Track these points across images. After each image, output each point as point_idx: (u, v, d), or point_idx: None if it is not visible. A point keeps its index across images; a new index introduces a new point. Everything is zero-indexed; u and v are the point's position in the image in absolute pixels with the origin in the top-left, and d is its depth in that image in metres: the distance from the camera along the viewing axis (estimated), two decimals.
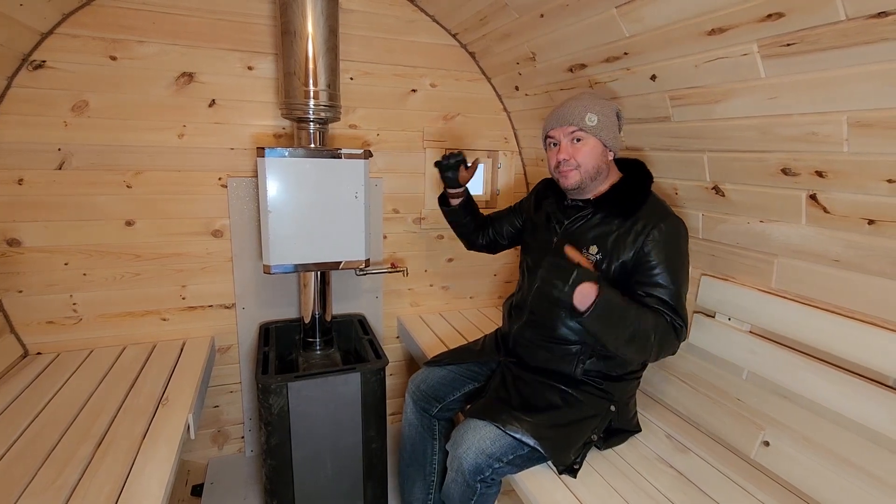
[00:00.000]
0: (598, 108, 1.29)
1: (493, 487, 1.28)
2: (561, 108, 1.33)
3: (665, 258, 1.22)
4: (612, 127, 1.30)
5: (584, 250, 1.31)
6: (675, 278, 1.22)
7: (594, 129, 1.27)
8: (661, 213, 1.26)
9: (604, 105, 1.30)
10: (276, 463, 1.59)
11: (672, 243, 1.23)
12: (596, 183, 1.33)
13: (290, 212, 1.59)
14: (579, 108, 1.29)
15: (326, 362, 1.84)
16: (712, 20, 1.06)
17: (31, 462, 1.16)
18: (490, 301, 2.47)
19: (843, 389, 1.11)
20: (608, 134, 1.29)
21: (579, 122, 1.27)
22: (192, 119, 1.80)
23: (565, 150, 1.31)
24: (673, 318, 1.20)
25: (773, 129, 1.10)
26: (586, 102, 1.30)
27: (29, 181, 1.65)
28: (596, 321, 1.09)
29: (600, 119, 1.28)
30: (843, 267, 1.10)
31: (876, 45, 0.85)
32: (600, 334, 1.14)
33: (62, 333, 1.78)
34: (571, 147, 1.30)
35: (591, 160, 1.29)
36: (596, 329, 1.12)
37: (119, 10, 1.64)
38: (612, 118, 1.31)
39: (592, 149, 1.29)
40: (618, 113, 1.33)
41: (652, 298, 1.21)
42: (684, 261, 1.26)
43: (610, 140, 1.30)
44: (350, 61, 1.95)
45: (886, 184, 0.96)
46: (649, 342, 1.15)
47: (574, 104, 1.31)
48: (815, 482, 1.18)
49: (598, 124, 1.28)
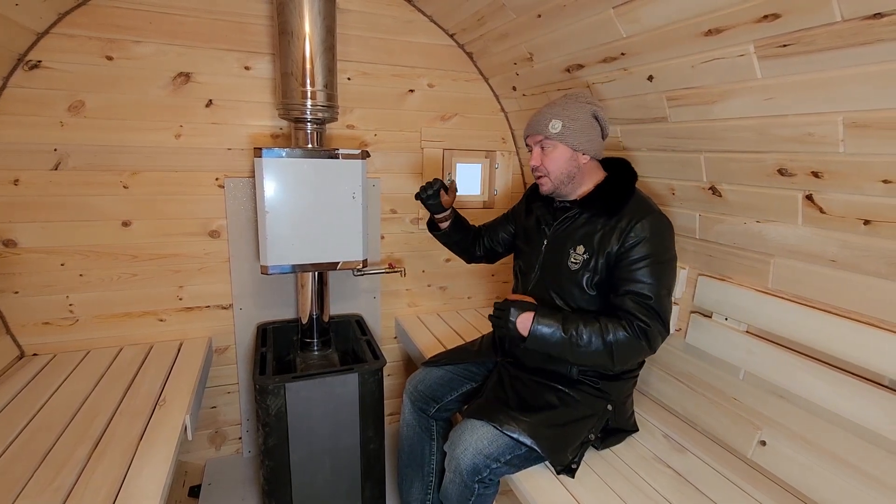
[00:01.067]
0: (565, 113, 1.29)
1: (490, 488, 1.28)
2: (533, 115, 1.35)
3: (647, 254, 1.22)
4: (585, 130, 1.29)
5: (573, 250, 1.32)
6: (655, 275, 1.21)
7: (559, 136, 1.28)
8: (644, 210, 1.26)
9: (575, 109, 1.30)
10: (273, 464, 1.58)
11: (655, 239, 1.23)
12: (573, 185, 1.34)
13: (288, 212, 1.59)
14: (547, 115, 1.31)
15: (324, 363, 1.83)
16: (709, 21, 1.07)
17: (28, 464, 1.15)
18: (488, 301, 2.47)
19: (839, 389, 1.11)
20: (577, 138, 1.29)
21: (543, 130, 1.30)
22: (189, 119, 1.79)
23: (535, 157, 1.34)
24: (642, 321, 1.19)
25: (769, 130, 1.11)
26: (555, 109, 1.31)
27: (25, 181, 1.64)
28: (536, 345, 1.22)
29: (565, 124, 1.28)
30: (839, 267, 1.11)
31: (872, 46, 0.85)
32: (550, 353, 1.24)
33: (59, 334, 1.77)
34: (541, 154, 1.33)
35: (558, 166, 1.31)
36: (542, 351, 1.23)
37: (115, 9, 1.64)
38: (585, 121, 1.30)
39: (560, 155, 1.30)
40: (595, 114, 1.32)
41: (629, 296, 1.21)
42: (667, 257, 1.25)
43: (580, 144, 1.29)
44: (347, 61, 1.95)
45: (882, 184, 0.96)
46: (604, 355, 1.20)
47: (543, 111, 1.33)
48: (811, 481, 1.18)
49: (563, 130, 1.28)
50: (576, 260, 1.31)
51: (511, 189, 2.36)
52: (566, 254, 1.33)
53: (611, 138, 1.61)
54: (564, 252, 1.34)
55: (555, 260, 1.36)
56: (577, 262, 1.30)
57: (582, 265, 1.30)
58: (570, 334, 1.19)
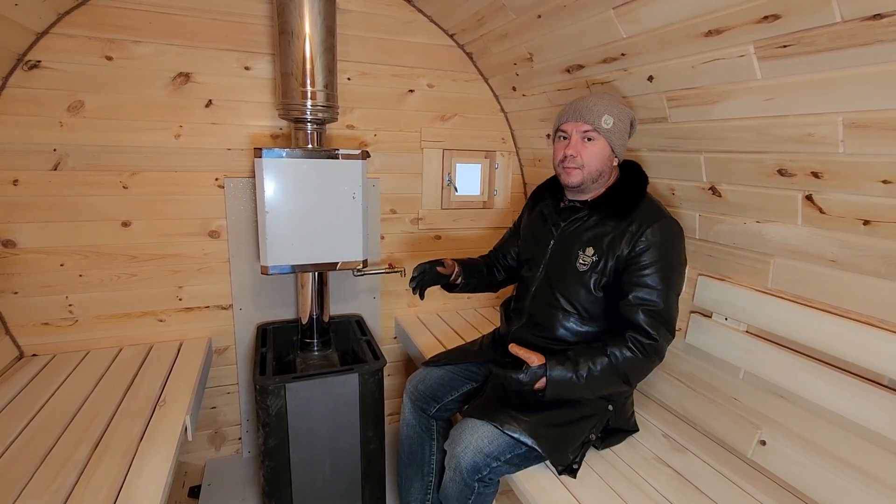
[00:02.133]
0: (615, 111, 1.28)
1: (490, 487, 1.28)
2: (579, 103, 1.30)
3: (657, 259, 1.22)
4: (624, 133, 1.31)
5: (581, 252, 1.32)
6: (665, 280, 1.22)
7: (607, 132, 1.27)
8: (655, 214, 1.26)
9: (622, 110, 1.30)
10: (274, 464, 1.58)
11: (665, 244, 1.24)
12: (596, 185, 1.34)
13: (288, 212, 1.58)
14: (599, 107, 1.27)
15: (324, 363, 1.83)
16: (709, 21, 1.07)
17: (28, 465, 1.15)
18: (488, 301, 2.47)
19: (839, 389, 1.11)
20: (619, 139, 1.29)
21: (595, 122, 1.27)
22: (189, 119, 1.79)
23: (574, 146, 1.29)
24: (651, 337, 1.19)
25: (769, 130, 1.11)
26: (606, 103, 1.28)
27: (24, 182, 1.64)
28: (554, 394, 1.21)
29: (615, 123, 1.27)
30: (838, 267, 1.11)
31: (871, 47, 0.85)
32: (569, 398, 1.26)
33: (58, 335, 1.77)
34: (581, 145, 1.29)
35: (596, 162, 1.29)
36: (562, 397, 1.23)
37: (115, 9, 1.64)
38: (626, 125, 1.31)
39: (601, 151, 1.29)
40: (632, 121, 1.33)
41: (639, 306, 1.21)
42: (677, 262, 1.26)
43: (619, 146, 1.30)
44: (347, 62, 1.95)
45: (881, 184, 0.96)
46: (619, 382, 1.23)
47: (594, 102, 1.29)
48: (811, 481, 1.18)
49: (613, 128, 1.27)
50: (584, 261, 1.31)
51: (510, 189, 2.37)
52: (574, 255, 1.33)
53: None
54: (573, 253, 1.34)
55: (561, 260, 1.36)
56: (586, 263, 1.30)
57: (590, 267, 1.30)
58: (581, 377, 1.19)
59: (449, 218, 2.28)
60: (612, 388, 1.26)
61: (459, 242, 2.33)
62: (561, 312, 1.35)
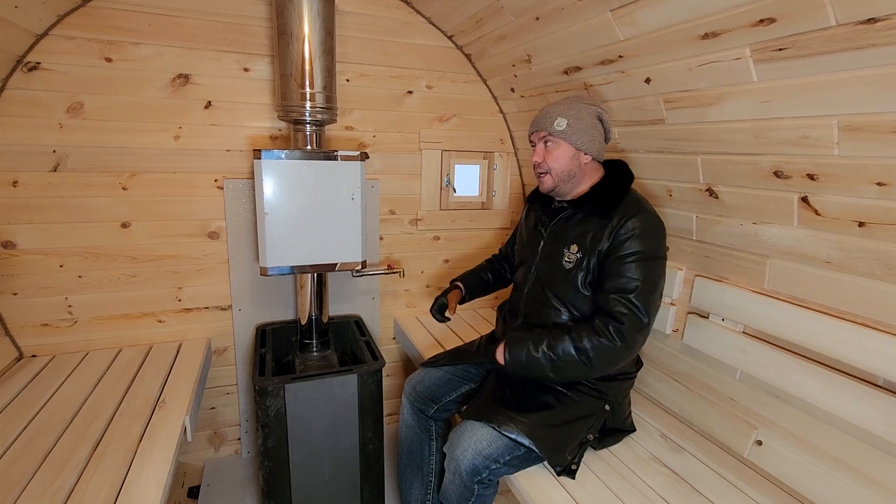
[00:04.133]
0: (571, 112, 1.31)
1: (490, 488, 1.29)
2: (538, 114, 1.37)
3: (635, 250, 1.23)
4: (588, 130, 1.31)
5: (566, 249, 1.34)
6: (642, 270, 1.22)
7: (563, 134, 1.30)
8: (636, 209, 1.27)
9: (580, 109, 1.32)
10: (273, 465, 1.59)
11: (644, 236, 1.24)
12: (573, 185, 1.36)
13: (287, 213, 1.59)
14: (552, 112, 1.33)
15: (323, 364, 1.84)
16: (706, 24, 1.08)
17: (28, 465, 1.15)
18: (486, 302, 2.47)
19: (834, 389, 1.12)
20: (580, 137, 1.31)
21: (548, 127, 1.32)
22: (188, 121, 1.79)
23: (538, 153, 1.36)
24: (617, 320, 1.20)
25: (765, 133, 1.12)
26: (561, 107, 1.33)
27: (24, 183, 1.64)
28: (515, 368, 1.27)
29: (570, 123, 1.30)
30: (834, 268, 1.12)
31: (866, 51, 0.86)
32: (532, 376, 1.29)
33: (57, 336, 1.77)
34: (544, 151, 1.35)
35: (560, 164, 1.32)
36: (523, 373, 1.29)
37: (114, 11, 1.64)
38: (590, 121, 1.32)
39: (563, 153, 1.32)
40: (600, 116, 1.34)
41: (612, 293, 1.22)
42: (656, 255, 1.26)
43: (584, 143, 1.31)
44: (346, 63, 1.95)
45: (876, 187, 0.97)
46: (582, 365, 1.22)
47: (549, 109, 1.34)
48: (806, 481, 1.19)
49: (568, 128, 1.30)
50: (569, 259, 1.33)
51: (509, 190, 2.37)
52: (561, 253, 1.35)
53: None
54: (559, 252, 1.36)
55: (551, 260, 1.38)
56: (571, 261, 1.32)
57: (575, 264, 1.31)
58: (541, 351, 1.23)
59: (448, 219, 2.28)
60: (576, 370, 1.24)
61: (458, 243, 2.34)
62: (553, 311, 1.36)
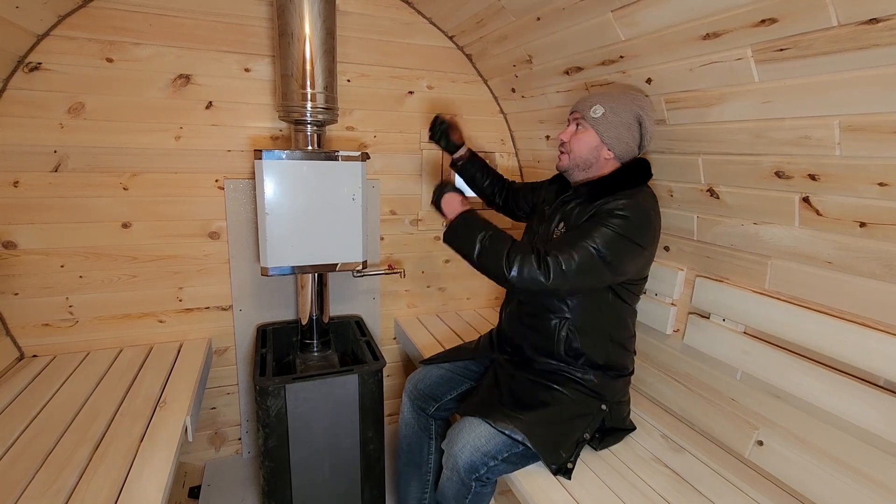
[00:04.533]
0: (612, 103, 1.28)
1: (487, 486, 1.29)
2: (584, 95, 1.37)
3: (607, 221, 1.18)
4: (620, 127, 1.28)
5: (556, 228, 1.34)
6: (603, 239, 1.16)
7: (594, 122, 1.29)
8: (628, 196, 1.24)
9: (621, 103, 1.28)
10: (273, 465, 1.59)
11: (623, 215, 1.19)
12: (586, 174, 1.35)
13: (288, 214, 1.59)
14: (595, 97, 1.31)
15: (324, 364, 1.84)
16: (707, 25, 1.08)
17: (28, 465, 1.15)
18: (487, 302, 2.47)
19: (835, 390, 1.12)
20: (610, 131, 1.28)
21: (584, 111, 1.31)
22: (189, 121, 1.80)
23: (568, 132, 1.35)
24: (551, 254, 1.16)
25: (766, 133, 1.12)
26: (605, 96, 1.30)
27: (25, 183, 1.64)
28: (453, 230, 1.30)
29: (605, 114, 1.28)
30: (835, 269, 1.12)
31: (867, 51, 0.86)
32: (457, 242, 1.29)
33: (58, 336, 1.77)
34: (573, 132, 1.34)
35: (581, 149, 1.31)
36: (456, 236, 1.29)
37: (115, 12, 1.64)
38: (627, 119, 1.28)
39: (588, 139, 1.31)
40: (640, 119, 1.29)
41: (564, 238, 1.23)
42: (629, 235, 1.19)
43: (610, 138, 1.28)
44: (347, 63, 1.95)
45: (878, 187, 0.97)
46: (501, 269, 1.18)
47: (595, 92, 1.35)
48: (807, 481, 1.19)
49: (602, 118, 1.28)
50: (556, 236, 1.33)
51: None
52: (551, 232, 1.36)
53: None
54: (550, 231, 1.36)
55: (543, 237, 1.38)
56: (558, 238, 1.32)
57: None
58: (482, 234, 1.23)
59: None
60: (494, 267, 1.19)
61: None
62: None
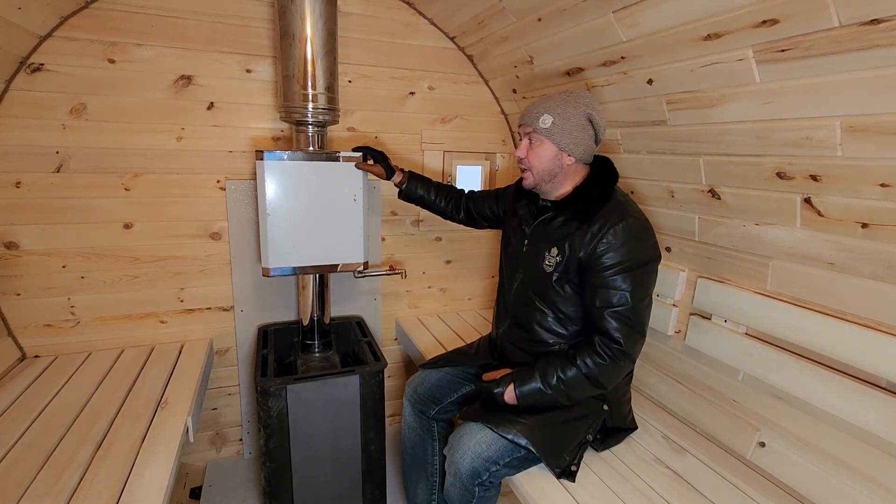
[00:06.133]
0: (559, 109, 1.25)
1: (491, 490, 1.29)
2: (528, 106, 1.32)
3: (620, 260, 1.20)
4: (574, 131, 1.25)
5: (547, 252, 1.31)
6: (630, 280, 1.19)
7: (547, 132, 1.25)
8: (618, 214, 1.22)
9: (568, 107, 1.25)
10: (274, 465, 1.59)
11: (629, 245, 1.20)
12: (554, 185, 1.32)
13: (289, 214, 1.59)
14: (540, 107, 1.27)
15: (325, 365, 1.84)
16: (708, 25, 1.08)
17: (30, 466, 1.16)
18: (488, 303, 2.47)
19: (837, 391, 1.12)
20: (565, 138, 1.25)
21: (533, 123, 1.27)
22: (191, 122, 1.80)
23: (522, 149, 1.31)
24: (617, 342, 1.19)
25: (768, 134, 1.12)
26: (549, 104, 1.27)
27: (27, 184, 1.64)
28: (529, 404, 1.26)
29: (556, 121, 1.24)
30: (837, 270, 1.11)
31: (869, 52, 0.86)
32: (545, 406, 1.28)
33: (60, 336, 1.77)
34: (528, 147, 1.30)
35: (541, 162, 1.28)
36: (537, 406, 1.27)
37: (117, 13, 1.64)
38: (578, 122, 1.25)
39: (545, 152, 1.27)
40: (590, 117, 1.26)
41: (606, 309, 1.20)
42: (643, 260, 1.22)
43: (567, 144, 1.25)
44: (348, 64, 1.96)
45: (879, 188, 0.97)
46: (592, 387, 1.24)
47: (538, 103, 1.29)
48: (809, 482, 1.19)
49: (553, 127, 1.24)
50: (549, 262, 1.30)
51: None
52: (542, 255, 1.33)
53: (611, 141, 1.62)
54: (540, 254, 1.33)
55: (533, 261, 1.35)
56: (551, 264, 1.30)
57: (555, 267, 1.29)
58: (550, 386, 1.23)
59: None
60: (588, 392, 1.27)
61: (460, 244, 2.34)
62: (538, 313, 1.34)
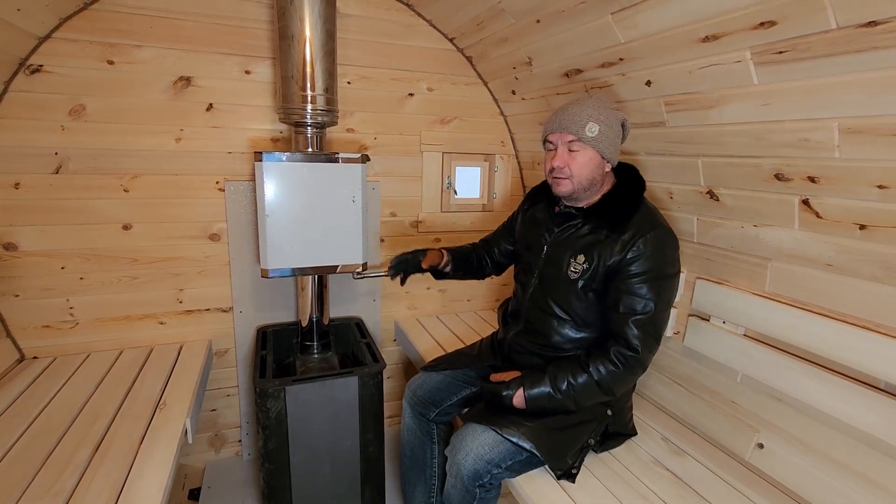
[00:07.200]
0: (601, 117, 1.23)
1: (492, 492, 1.29)
2: (562, 113, 1.26)
3: (648, 269, 1.21)
4: (614, 138, 1.26)
5: (573, 259, 1.30)
6: (655, 290, 1.21)
7: (593, 141, 1.23)
8: (650, 224, 1.23)
9: (608, 115, 1.25)
10: (273, 467, 1.59)
11: (658, 255, 1.21)
12: (589, 193, 1.31)
13: (288, 215, 1.59)
14: (582, 115, 1.23)
15: (324, 366, 1.84)
16: (706, 27, 1.08)
17: (29, 467, 1.15)
18: (487, 304, 2.47)
19: (835, 392, 1.12)
20: (608, 146, 1.25)
21: (578, 132, 1.22)
22: (190, 123, 1.80)
23: (561, 157, 1.27)
24: (633, 349, 1.20)
25: (766, 135, 1.12)
26: (590, 110, 1.24)
27: (26, 185, 1.64)
28: (537, 408, 1.25)
29: (602, 130, 1.22)
30: (835, 271, 1.12)
31: (866, 54, 0.86)
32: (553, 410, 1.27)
33: (59, 337, 1.77)
34: (567, 155, 1.26)
35: (585, 171, 1.26)
36: (543, 410, 1.26)
37: (116, 14, 1.64)
38: (616, 128, 1.26)
39: (589, 160, 1.25)
40: (623, 123, 1.29)
41: (628, 315, 1.21)
42: (669, 272, 1.24)
43: (609, 152, 1.26)
44: (347, 65, 1.96)
45: (877, 189, 0.97)
46: (602, 394, 1.25)
47: (577, 110, 1.24)
48: (808, 484, 1.19)
49: (599, 135, 1.22)
50: (575, 269, 1.29)
51: (510, 192, 2.37)
52: (566, 262, 1.31)
53: None
54: (564, 260, 1.32)
55: (554, 268, 1.35)
56: (577, 271, 1.29)
57: (581, 274, 1.28)
58: (560, 390, 1.23)
59: (449, 220, 2.28)
60: (596, 399, 1.27)
61: (459, 245, 2.33)
62: (556, 320, 1.34)
